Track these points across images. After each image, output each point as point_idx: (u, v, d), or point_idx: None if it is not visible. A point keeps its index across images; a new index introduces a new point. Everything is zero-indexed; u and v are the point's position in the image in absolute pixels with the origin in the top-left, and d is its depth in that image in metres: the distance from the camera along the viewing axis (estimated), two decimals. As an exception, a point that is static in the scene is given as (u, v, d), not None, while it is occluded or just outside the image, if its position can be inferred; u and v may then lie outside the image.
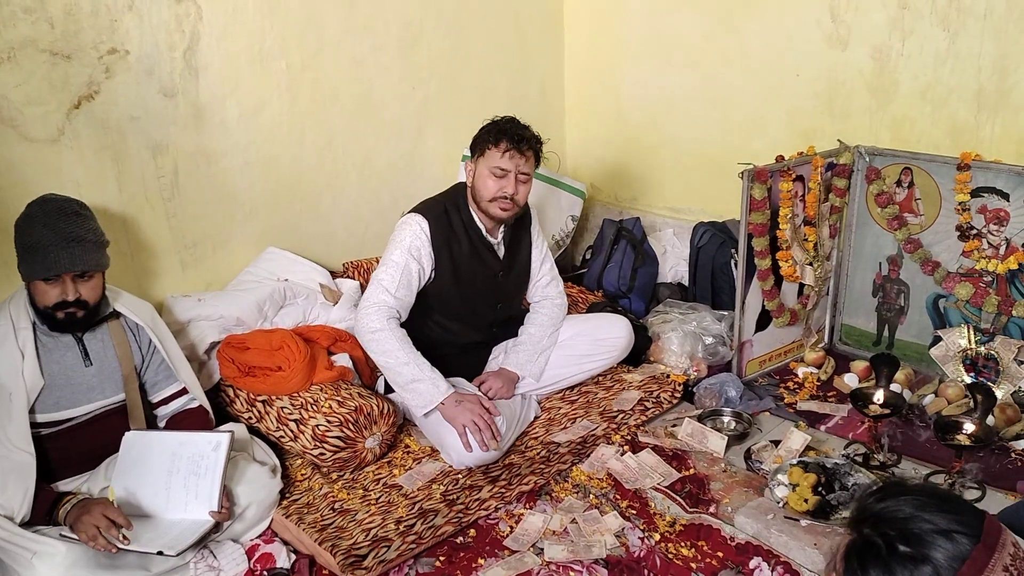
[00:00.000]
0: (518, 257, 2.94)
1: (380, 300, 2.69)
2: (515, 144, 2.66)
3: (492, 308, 2.95)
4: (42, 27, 2.54)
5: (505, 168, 2.67)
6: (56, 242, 2.21)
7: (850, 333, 3.39)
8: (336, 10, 3.22)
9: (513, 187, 2.70)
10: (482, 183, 2.72)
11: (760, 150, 3.21)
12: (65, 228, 2.24)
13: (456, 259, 2.78)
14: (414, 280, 2.73)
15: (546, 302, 3.04)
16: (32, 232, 2.23)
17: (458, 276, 2.80)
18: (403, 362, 2.64)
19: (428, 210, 2.77)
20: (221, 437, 2.31)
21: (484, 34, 3.77)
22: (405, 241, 2.72)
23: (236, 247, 3.15)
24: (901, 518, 1.20)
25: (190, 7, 2.83)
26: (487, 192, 2.71)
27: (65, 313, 2.28)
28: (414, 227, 2.73)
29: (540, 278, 3.02)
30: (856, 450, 2.69)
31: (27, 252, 2.23)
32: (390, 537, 2.32)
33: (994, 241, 2.88)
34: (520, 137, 2.67)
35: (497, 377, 2.89)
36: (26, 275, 2.25)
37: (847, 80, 3.24)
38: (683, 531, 2.35)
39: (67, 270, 2.23)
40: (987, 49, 2.88)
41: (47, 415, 2.31)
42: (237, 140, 3.06)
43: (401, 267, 2.70)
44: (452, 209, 2.79)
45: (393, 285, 2.70)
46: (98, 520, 2.09)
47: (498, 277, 2.88)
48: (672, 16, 3.71)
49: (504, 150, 2.66)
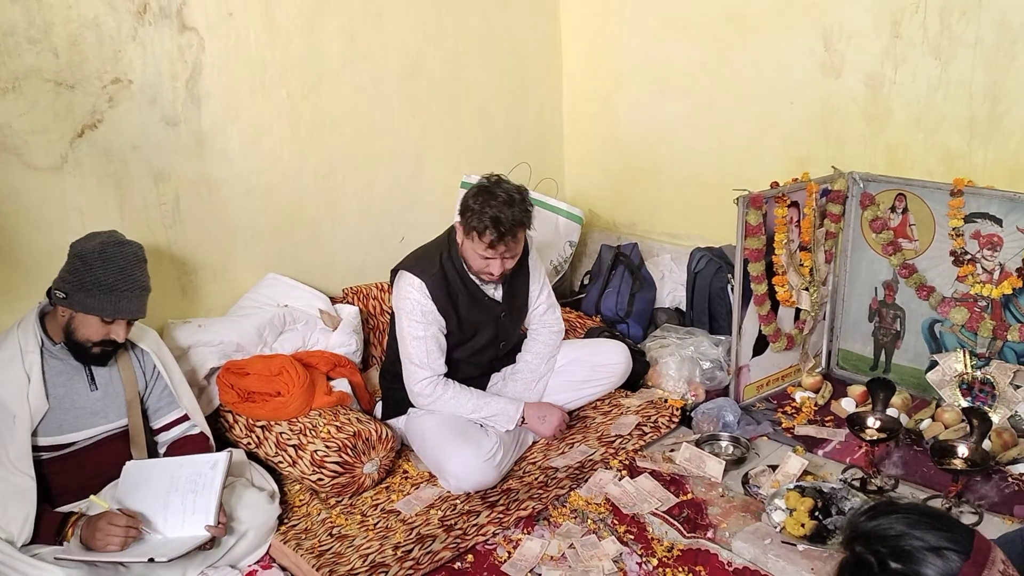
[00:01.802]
0: (517, 293, 2.93)
1: (419, 377, 2.75)
2: (501, 238, 2.58)
3: (496, 348, 2.96)
4: (47, 57, 2.58)
5: (490, 256, 2.63)
6: (131, 288, 2.30)
7: (847, 358, 3.40)
8: (336, 40, 3.27)
9: (499, 267, 2.66)
10: (469, 255, 2.69)
11: (756, 176, 3.24)
12: (139, 276, 2.35)
13: (459, 311, 2.78)
14: (441, 339, 2.76)
15: (543, 330, 3.04)
16: (108, 272, 2.27)
17: (462, 326, 2.81)
18: (470, 410, 2.76)
19: (423, 269, 2.71)
20: (219, 456, 2.34)
21: (483, 63, 3.82)
22: (414, 311, 2.70)
23: (236, 273, 3.18)
24: (892, 535, 1.21)
25: (192, 37, 2.88)
26: (473, 265, 2.70)
27: (102, 349, 2.34)
28: (413, 293, 2.70)
29: (537, 307, 3.01)
30: (853, 475, 2.70)
31: (97, 289, 2.25)
32: (388, 563, 2.32)
33: (988, 266, 2.90)
34: (505, 231, 2.56)
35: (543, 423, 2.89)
36: (87, 308, 2.27)
37: (841, 107, 3.28)
38: (681, 556, 2.35)
39: (132, 316, 2.34)
40: (978, 77, 2.92)
41: (49, 438, 2.33)
42: (238, 168, 3.09)
43: (422, 338, 2.72)
44: (447, 262, 2.74)
45: (425, 358, 2.73)
46: (113, 530, 2.15)
47: (500, 318, 2.89)
48: (668, 45, 3.76)
49: (488, 243, 2.59)
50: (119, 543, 2.16)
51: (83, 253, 2.29)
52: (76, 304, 2.27)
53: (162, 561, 2.13)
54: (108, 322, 2.30)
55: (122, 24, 2.71)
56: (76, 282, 2.27)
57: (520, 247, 2.69)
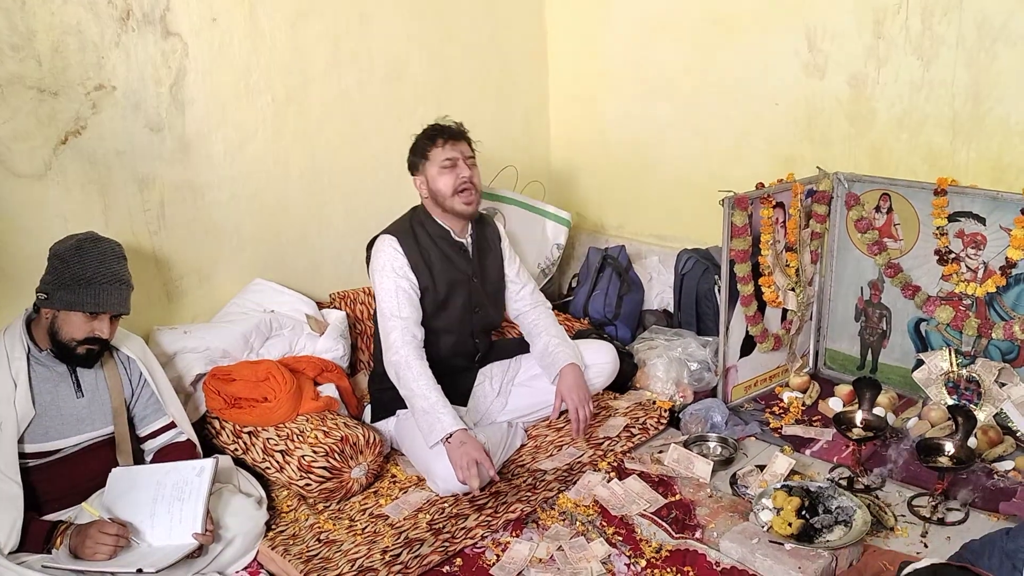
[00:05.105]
0: (488, 263, 3.00)
1: (390, 327, 2.75)
2: (450, 135, 2.81)
3: (471, 313, 2.97)
4: (29, 64, 2.57)
5: (452, 157, 2.79)
6: (110, 281, 2.31)
7: (834, 358, 3.41)
8: (321, 44, 3.27)
9: (467, 170, 2.81)
10: (440, 182, 2.81)
11: (741, 178, 3.25)
12: (117, 270, 2.35)
13: (431, 267, 2.84)
14: (412, 294, 2.79)
15: (541, 307, 3.10)
16: (86, 266, 2.28)
17: (435, 282, 2.85)
18: (423, 394, 2.66)
19: (395, 229, 2.87)
20: (205, 463, 2.33)
21: (469, 66, 3.83)
22: (385, 266, 2.78)
23: (222, 279, 3.17)
24: None
25: (176, 43, 2.87)
26: (448, 187, 2.80)
27: (87, 349, 2.34)
28: (387, 248, 2.80)
29: (522, 287, 3.08)
30: (840, 474, 2.71)
31: (76, 283, 2.26)
32: (376, 567, 2.32)
33: (972, 265, 2.92)
34: (450, 129, 2.83)
35: (573, 392, 2.84)
36: (68, 304, 2.27)
37: (825, 108, 3.30)
38: (669, 557, 2.35)
39: (115, 310, 2.34)
40: (960, 76, 2.94)
41: (36, 445, 2.32)
42: (223, 173, 3.09)
43: (392, 290, 2.76)
44: (417, 224, 2.88)
45: (395, 308, 2.75)
46: (103, 539, 2.15)
47: (472, 281, 2.93)
48: (653, 47, 3.77)
49: (443, 144, 2.80)
50: (108, 552, 2.15)
51: (61, 252, 2.31)
52: (57, 302, 2.27)
53: (150, 572, 2.12)
54: (91, 318, 2.29)
55: (105, 30, 2.70)
56: (55, 280, 2.27)
57: (475, 159, 2.87)
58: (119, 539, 2.17)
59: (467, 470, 2.54)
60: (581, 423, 2.83)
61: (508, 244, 3.10)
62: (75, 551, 2.16)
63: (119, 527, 2.20)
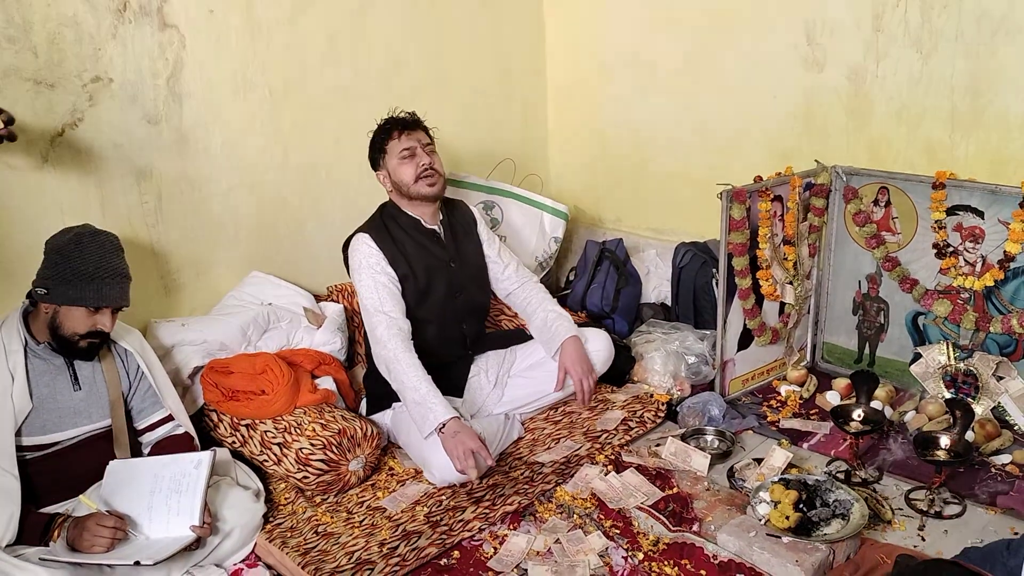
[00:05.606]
0: (464, 248, 3.04)
1: (375, 323, 2.77)
2: (405, 126, 2.89)
3: (453, 299, 2.98)
4: (26, 56, 2.57)
5: (409, 146, 2.86)
6: (111, 275, 2.31)
7: (832, 351, 3.41)
8: (318, 37, 3.26)
9: (427, 157, 2.87)
10: (401, 173, 2.87)
11: (739, 171, 3.24)
12: (117, 263, 2.36)
13: (408, 257, 2.87)
14: (393, 288, 2.82)
15: (529, 283, 3.14)
16: (86, 260, 2.28)
17: (414, 271, 2.87)
18: (413, 385, 2.66)
19: (367, 227, 2.92)
20: (203, 455, 2.34)
21: (466, 60, 3.82)
22: (362, 263, 2.83)
23: (220, 272, 3.17)
24: None
25: (173, 35, 2.86)
26: (409, 176, 2.86)
27: (89, 342, 2.34)
28: (361, 247, 2.85)
29: (505, 266, 3.12)
30: (838, 467, 2.71)
31: (78, 279, 2.26)
32: (373, 560, 2.32)
33: (970, 258, 2.92)
34: (404, 120, 2.91)
35: (576, 365, 2.93)
36: (70, 300, 2.27)
37: (824, 102, 3.29)
38: (666, 550, 2.35)
39: (117, 304, 2.35)
40: (959, 70, 2.93)
41: (33, 438, 2.32)
42: (221, 166, 3.08)
43: (372, 286, 2.79)
44: (388, 218, 2.95)
45: (378, 303, 2.78)
46: (100, 531, 2.15)
47: (450, 266, 2.95)
48: (651, 40, 3.76)
49: (398, 135, 2.87)
50: (106, 544, 2.16)
51: (59, 246, 2.30)
52: (59, 297, 2.27)
53: (148, 564, 2.12)
54: (93, 312, 2.30)
55: (102, 22, 2.70)
56: (56, 275, 2.27)
57: (433, 145, 2.94)
58: (117, 531, 2.18)
59: (464, 460, 2.54)
60: (586, 394, 2.92)
61: (485, 226, 3.14)
62: (73, 543, 2.17)
63: (117, 520, 2.20)
